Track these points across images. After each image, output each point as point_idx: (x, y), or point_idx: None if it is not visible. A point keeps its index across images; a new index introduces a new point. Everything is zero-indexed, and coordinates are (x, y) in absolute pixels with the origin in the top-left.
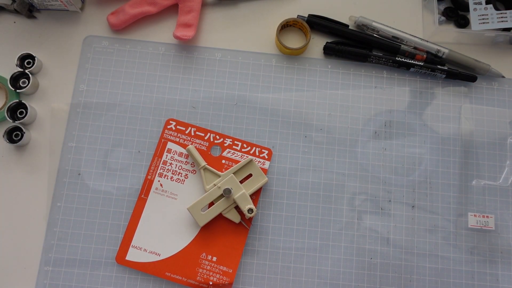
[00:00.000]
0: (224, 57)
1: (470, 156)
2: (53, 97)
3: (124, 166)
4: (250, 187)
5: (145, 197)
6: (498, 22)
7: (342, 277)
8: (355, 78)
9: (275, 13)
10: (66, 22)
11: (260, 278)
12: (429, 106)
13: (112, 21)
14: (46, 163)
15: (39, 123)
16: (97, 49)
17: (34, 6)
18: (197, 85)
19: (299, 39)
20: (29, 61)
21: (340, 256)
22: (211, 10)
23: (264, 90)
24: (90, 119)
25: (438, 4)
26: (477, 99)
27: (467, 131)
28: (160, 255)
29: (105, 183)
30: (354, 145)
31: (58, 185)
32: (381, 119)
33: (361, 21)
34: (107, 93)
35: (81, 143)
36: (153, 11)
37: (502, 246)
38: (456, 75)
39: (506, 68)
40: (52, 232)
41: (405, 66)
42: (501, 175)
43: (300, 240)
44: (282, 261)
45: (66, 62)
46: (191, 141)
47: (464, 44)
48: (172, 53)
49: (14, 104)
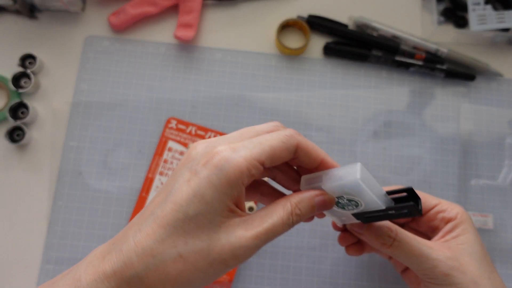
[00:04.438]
0: (224, 57)
1: (469, 156)
2: (54, 97)
3: (125, 165)
4: None
5: (146, 195)
6: (496, 22)
7: (342, 275)
8: (355, 78)
9: (275, 13)
10: (67, 23)
11: (259, 277)
12: (428, 106)
13: (113, 21)
14: (47, 162)
15: (40, 122)
16: (98, 49)
17: (35, 6)
18: (197, 85)
19: (299, 39)
20: (30, 61)
21: (339, 255)
22: (211, 10)
23: (264, 90)
24: (91, 119)
25: (437, 4)
26: (476, 99)
27: (466, 131)
28: None
29: (106, 182)
30: (353, 144)
31: (59, 184)
32: (380, 119)
33: (360, 21)
34: (108, 93)
35: (82, 143)
36: (154, 11)
37: (500, 245)
38: (455, 74)
39: (505, 68)
40: (53, 231)
41: (405, 65)
42: (500, 175)
43: (300, 239)
44: (281, 260)
45: (67, 62)
46: (192, 140)
47: (463, 44)
48: (172, 53)
49: (15, 104)
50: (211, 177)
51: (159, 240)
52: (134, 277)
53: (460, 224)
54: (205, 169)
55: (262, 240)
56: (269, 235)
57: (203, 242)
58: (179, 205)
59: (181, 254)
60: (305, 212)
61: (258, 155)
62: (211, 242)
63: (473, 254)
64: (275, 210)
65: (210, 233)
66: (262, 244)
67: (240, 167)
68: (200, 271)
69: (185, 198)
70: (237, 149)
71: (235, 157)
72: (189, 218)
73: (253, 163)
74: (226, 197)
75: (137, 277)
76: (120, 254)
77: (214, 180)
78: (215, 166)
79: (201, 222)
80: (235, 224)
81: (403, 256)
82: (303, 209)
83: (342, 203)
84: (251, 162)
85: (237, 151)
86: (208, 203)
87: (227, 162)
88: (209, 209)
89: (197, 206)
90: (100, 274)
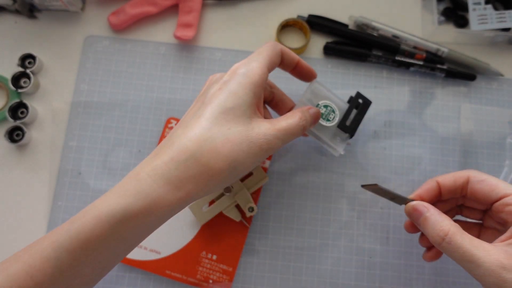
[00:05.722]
0: (224, 57)
1: (469, 156)
2: (54, 97)
3: (124, 166)
4: (251, 185)
5: None
6: (497, 22)
7: (342, 276)
8: (355, 78)
9: (275, 13)
10: (67, 22)
11: (259, 277)
12: (429, 106)
13: (113, 21)
14: (47, 162)
15: (40, 122)
16: (97, 49)
17: (35, 6)
18: (197, 84)
19: (299, 39)
20: (30, 61)
21: (339, 255)
22: (211, 10)
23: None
24: (91, 119)
25: (437, 4)
26: (476, 99)
27: (466, 131)
28: (161, 253)
29: (105, 182)
30: (353, 144)
31: (59, 184)
32: (380, 118)
33: (360, 21)
34: (108, 93)
35: (82, 143)
36: (154, 11)
37: None
38: (455, 74)
39: (505, 68)
40: None
41: (405, 65)
42: (500, 175)
43: (300, 239)
44: (281, 260)
45: (67, 62)
46: None
47: (463, 44)
48: (172, 53)
49: (15, 104)
50: (239, 80)
51: (207, 128)
52: (190, 157)
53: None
54: (232, 78)
55: (284, 135)
56: (287, 132)
57: (241, 128)
58: (217, 102)
59: (227, 136)
60: (309, 118)
61: (263, 62)
62: (247, 129)
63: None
64: (290, 116)
65: (245, 122)
66: (284, 138)
67: (257, 71)
68: (243, 151)
69: (222, 97)
70: (249, 62)
71: (251, 63)
72: (228, 110)
73: (263, 69)
74: (252, 94)
75: (193, 157)
76: (172, 146)
77: (242, 81)
78: (239, 74)
79: (237, 112)
80: (261, 121)
81: (456, 259)
82: (307, 116)
83: (324, 113)
84: (261, 68)
85: (250, 63)
86: (240, 97)
87: (247, 70)
88: (241, 102)
89: (232, 100)
90: (158, 162)
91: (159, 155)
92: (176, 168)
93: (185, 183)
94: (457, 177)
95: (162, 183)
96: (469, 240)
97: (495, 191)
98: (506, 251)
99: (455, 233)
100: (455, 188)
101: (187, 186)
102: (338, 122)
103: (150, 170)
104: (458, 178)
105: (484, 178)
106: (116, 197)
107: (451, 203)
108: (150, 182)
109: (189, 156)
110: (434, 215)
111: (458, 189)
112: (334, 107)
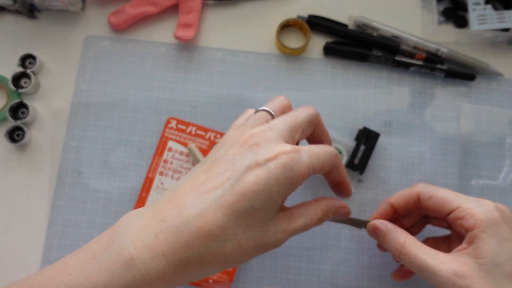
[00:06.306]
0: (224, 57)
1: (469, 156)
2: (54, 97)
3: (125, 165)
4: None
5: (145, 195)
6: (496, 22)
7: (342, 276)
8: (355, 78)
9: (275, 13)
10: (67, 22)
11: (259, 277)
12: (429, 106)
13: (113, 21)
14: (47, 162)
15: (40, 122)
16: (98, 49)
17: (35, 6)
18: (197, 84)
19: (299, 39)
20: (30, 61)
21: (339, 254)
22: (211, 10)
23: (264, 90)
24: (91, 119)
25: (437, 4)
26: (476, 99)
27: (466, 131)
28: None
29: (106, 182)
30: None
31: (59, 184)
32: (380, 118)
33: (360, 21)
34: (108, 93)
35: (82, 143)
36: (154, 11)
37: None
38: (455, 74)
39: (505, 68)
40: (53, 231)
41: (405, 65)
42: (500, 175)
43: (300, 239)
44: (282, 260)
45: (67, 62)
46: (192, 140)
47: (463, 44)
48: (172, 53)
49: (15, 104)
50: (279, 175)
51: (222, 227)
52: (194, 256)
53: (480, 234)
54: (273, 165)
55: (298, 232)
56: (303, 230)
57: (257, 233)
58: (246, 196)
59: (240, 241)
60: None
61: (314, 163)
62: (263, 233)
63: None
64: (310, 210)
65: (264, 225)
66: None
67: (304, 171)
68: (246, 253)
69: (253, 190)
70: (300, 152)
71: (301, 161)
72: (253, 211)
73: (310, 171)
74: (286, 195)
75: (197, 257)
76: (179, 236)
77: (281, 179)
78: (284, 165)
79: (261, 215)
80: (281, 218)
81: (415, 270)
82: (330, 214)
83: None
84: (309, 169)
85: (301, 155)
86: (272, 199)
87: (295, 165)
88: (271, 205)
89: (262, 201)
90: (158, 253)
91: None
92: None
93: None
94: (407, 196)
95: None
96: (424, 250)
97: (444, 206)
98: (458, 259)
99: (410, 245)
100: (409, 206)
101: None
102: (347, 162)
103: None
104: (409, 197)
105: (432, 194)
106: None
107: (415, 216)
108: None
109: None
110: (391, 230)
111: (412, 207)
112: (340, 147)
